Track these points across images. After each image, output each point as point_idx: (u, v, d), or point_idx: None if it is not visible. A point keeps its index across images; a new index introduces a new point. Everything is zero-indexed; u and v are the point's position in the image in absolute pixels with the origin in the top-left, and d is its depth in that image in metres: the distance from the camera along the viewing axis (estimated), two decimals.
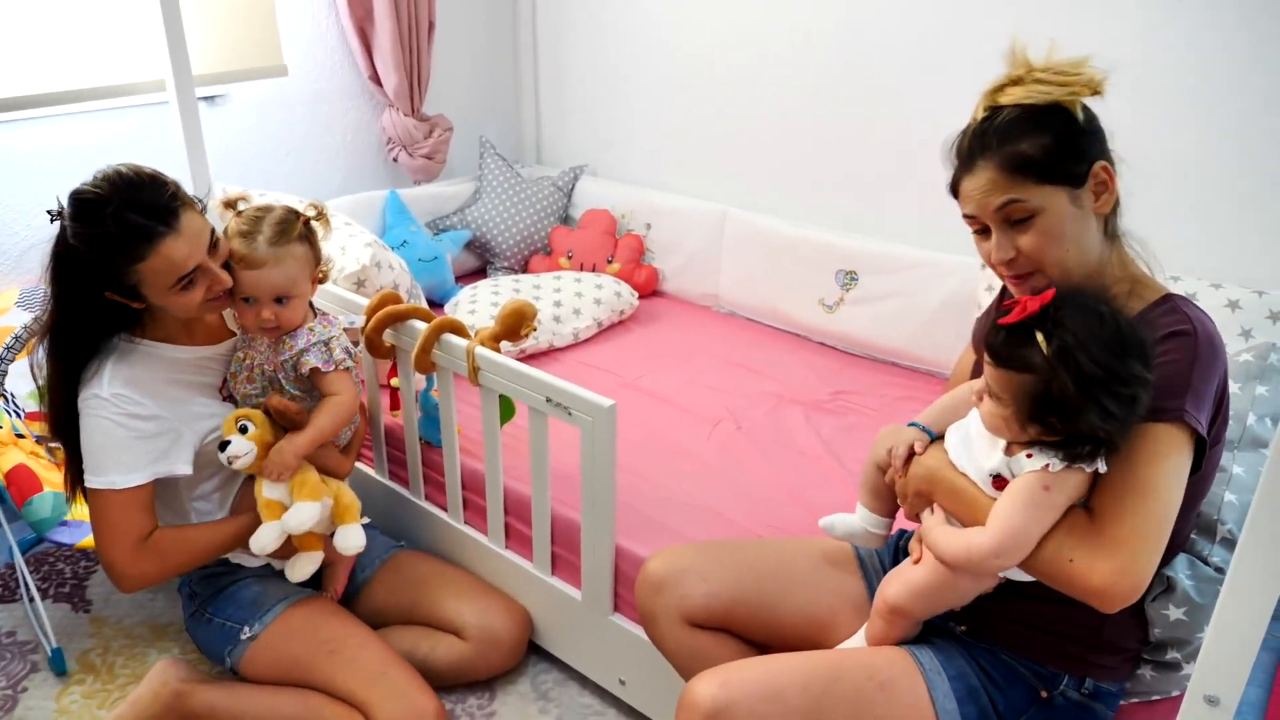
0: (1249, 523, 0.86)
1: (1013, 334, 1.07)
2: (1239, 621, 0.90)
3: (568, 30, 3.20)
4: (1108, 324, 1.04)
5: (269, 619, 1.74)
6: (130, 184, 1.50)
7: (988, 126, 1.18)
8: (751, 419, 2.24)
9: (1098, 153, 1.17)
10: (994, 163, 1.16)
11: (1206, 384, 1.10)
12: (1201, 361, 1.10)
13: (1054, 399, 1.04)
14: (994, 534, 1.10)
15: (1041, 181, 1.14)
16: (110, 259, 1.49)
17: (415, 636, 1.88)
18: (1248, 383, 1.61)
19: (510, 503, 1.93)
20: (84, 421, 1.58)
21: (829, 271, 2.59)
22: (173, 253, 1.49)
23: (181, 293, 1.54)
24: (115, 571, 1.61)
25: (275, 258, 1.63)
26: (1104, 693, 1.26)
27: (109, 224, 1.46)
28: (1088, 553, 1.07)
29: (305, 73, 2.89)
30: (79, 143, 2.44)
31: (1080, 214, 1.16)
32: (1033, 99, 1.15)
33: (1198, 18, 1.95)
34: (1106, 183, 1.17)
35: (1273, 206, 1.96)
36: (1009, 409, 1.09)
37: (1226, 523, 1.37)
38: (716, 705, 1.22)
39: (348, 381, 1.74)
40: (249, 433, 1.65)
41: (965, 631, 1.31)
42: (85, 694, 1.91)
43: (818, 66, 2.59)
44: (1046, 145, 1.14)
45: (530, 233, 3.08)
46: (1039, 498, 1.09)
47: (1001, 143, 1.16)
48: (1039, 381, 1.05)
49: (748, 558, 1.51)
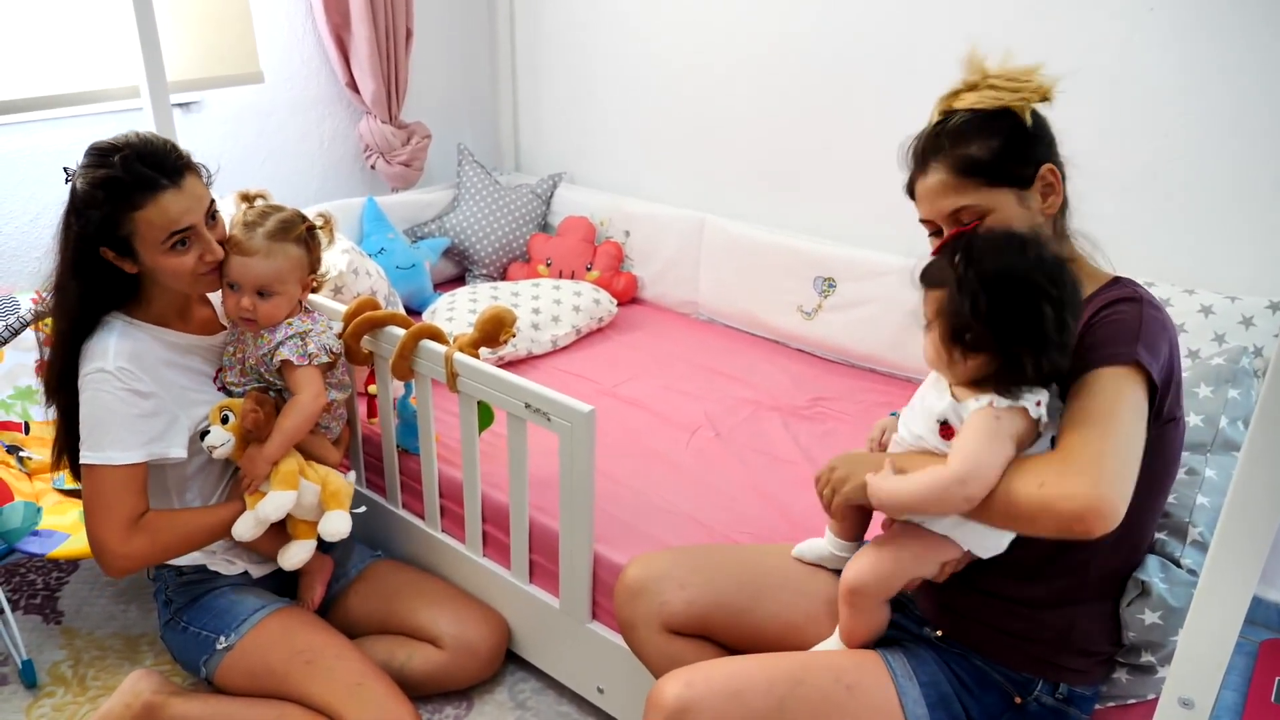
0: (1221, 526, 0.87)
1: (935, 258, 1.18)
2: (1213, 624, 0.90)
3: (545, 38, 3.21)
4: (1018, 243, 1.11)
5: (245, 629, 1.72)
6: (144, 140, 1.57)
7: (940, 130, 1.23)
8: (730, 425, 2.25)
9: (1045, 156, 1.21)
10: (945, 165, 1.21)
11: (1156, 340, 1.13)
12: (1148, 322, 1.13)
13: (958, 307, 1.10)
14: (956, 463, 1.10)
15: (990, 184, 1.19)
16: (110, 203, 1.52)
17: (391, 645, 1.87)
18: (1220, 386, 1.63)
19: (488, 510, 1.92)
20: (85, 396, 1.58)
21: (807, 278, 2.60)
22: (170, 206, 1.54)
23: (172, 253, 1.57)
24: (105, 551, 1.60)
25: (267, 250, 1.67)
26: (1078, 697, 1.26)
27: (116, 168, 1.51)
28: (1057, 475, 1.05)
29: (282, 80, 2.87)
30: (52, 149, 2.42)
31: (1028, 215, 1.20)
32: (984, 104, 1.20)
33: (1170, 25, 1.97)
34: (1053, 185, 1.21)
35: (1245, 212, 1.98)
36: (936, 333, 1.15)
37: (1198, 525, 1.38)
38: (681, 704, 1.23)
39: (315, 380, 1.74)
40: (229, 423, 1.67)
41: (940, 636, 1.31)
42: (56, 706, 1.88)
43: (794, 74, 2.61)
44: (995, 148, 1.18)
45: (509, 240, 3.07)
46: (992, 426, 1.10)
47: (953, 145, 1.21)
48: (951, 292, 1.11)
49: (726, 564, 1.51)
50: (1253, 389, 1.66)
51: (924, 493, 1.13)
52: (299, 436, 1.74)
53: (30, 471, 2.08)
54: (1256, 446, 0.83)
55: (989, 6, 2.20)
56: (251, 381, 1.74)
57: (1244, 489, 0.85)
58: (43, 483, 2.07)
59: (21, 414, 2.15)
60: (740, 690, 1.23)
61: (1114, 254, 1.30)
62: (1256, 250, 1.99)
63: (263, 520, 1.67)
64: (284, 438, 1.70)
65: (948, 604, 1.30)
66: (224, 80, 2.72)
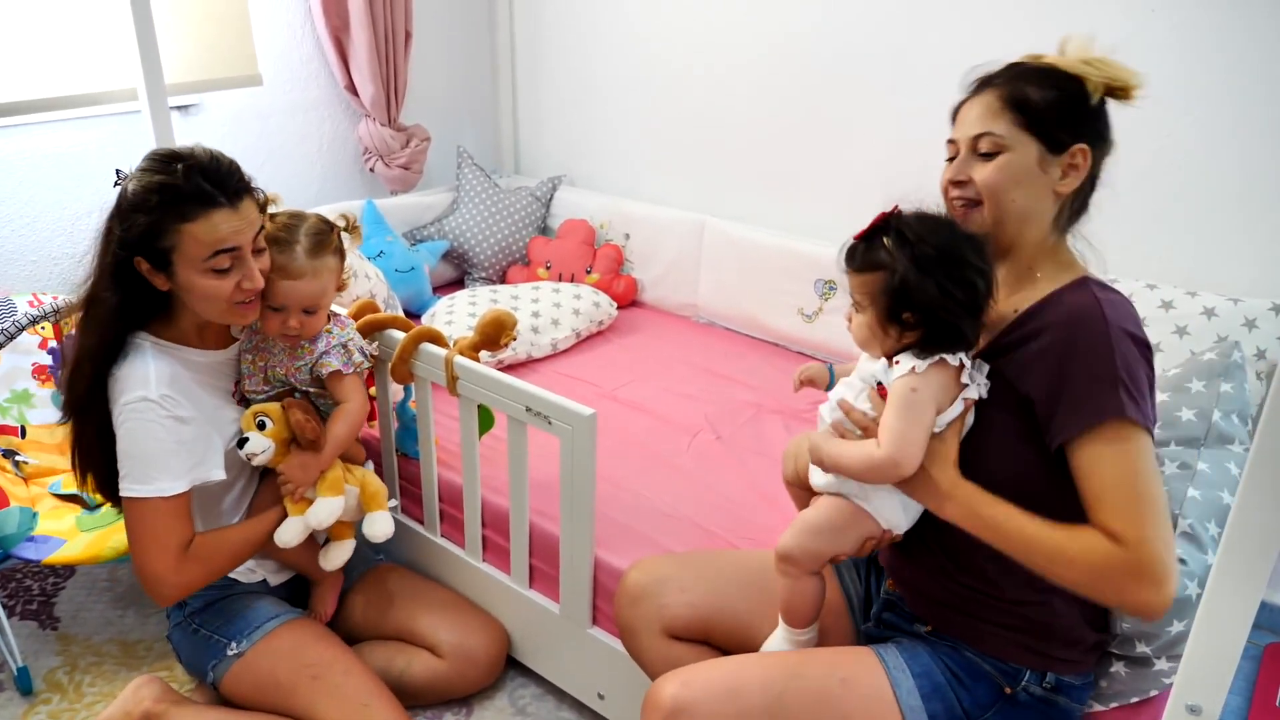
0: (1229, 530, 0.86)
1: (865, 242, 1.21)
2: (1220, 630, 0.90)
3: (545, 40, 3.20)
4: (943, 223, 1.19)
5: (257, 636, 1.71)
6: (210, 155, 1.52)
7: (1010, 67, 1.23)
8: (731, 428, 2.24)
9: (1088, 137, 1.19)
10: (996, 93, 1.21)
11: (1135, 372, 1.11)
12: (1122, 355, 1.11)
13: (900, 287, 1.16)
14: (886, 444, 1.17)
15: (1025, 126, 1.18)
16: (161, 210, 1.46)
17: (391, 652, 1.86)
18: (1212, 380, 1.63)
19: (488, 515, 1.91)
20: (128, 428, 1.53)
21: (808, 281, 2.60)
22: (220, 224, 1.47)
23: (211, 275, 1.50)
24: (159, 583, 1.56)
25: (313, 270, 1.63)
26: (1067, 686, 1.26)
27: (176, 175, 1.46)
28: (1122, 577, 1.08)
29: (281, 82, 2.87)
30: (50, 151, 2.40)
31: (1041, 177, 1.19)
32: (1062, 64, 1.20)
33: (1173, 26, 1.97)
34: (1078, 166, 1.19)
35: (1248, 214, 1.97)
36: (869, 313, 1.21)
37: (1188, 517, 1.38)
38: (678, 704, 1.24)
39: (360, 387, 1.74)
40: (267, 429, 1.64)
41: (929, 631, 1.32)
42: (51, 714, 1.87)
43: (795, 76, 2.60)
44: (1048, 99, 1.18)
45: (508, 243, 3.06)
46: (909, 399, 1.17)
47: (1012, 79, 1.21)
48: (887, 275, 1.17)
49: (727, 569, 1.50)
50: (1245, 383, 1.66)
51: (860, 462, 1.20)
52: (348, 443, 1.73)
53: (26, 476, 2.07)
54: (1264, 450, 0.82)
55: (990, 7, 2.19)
56: (274, 389, 1.71)
57: (1251, 493, 0.84)
58: (39, 487, 2.05)
59: (18, 418, 2.13)
60: (736, 688, 1.25)
61: (1116, 255, 1.30)
62: (1259, 252, 1.98)
63: (312, 526, 1.67)
64: (336, 445, 1.69)
65: (933, 599, 1.30)
66: (222, 83, 2.71)
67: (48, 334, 2.21)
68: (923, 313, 1.17)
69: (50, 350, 2.21)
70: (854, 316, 1.25)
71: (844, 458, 1.22)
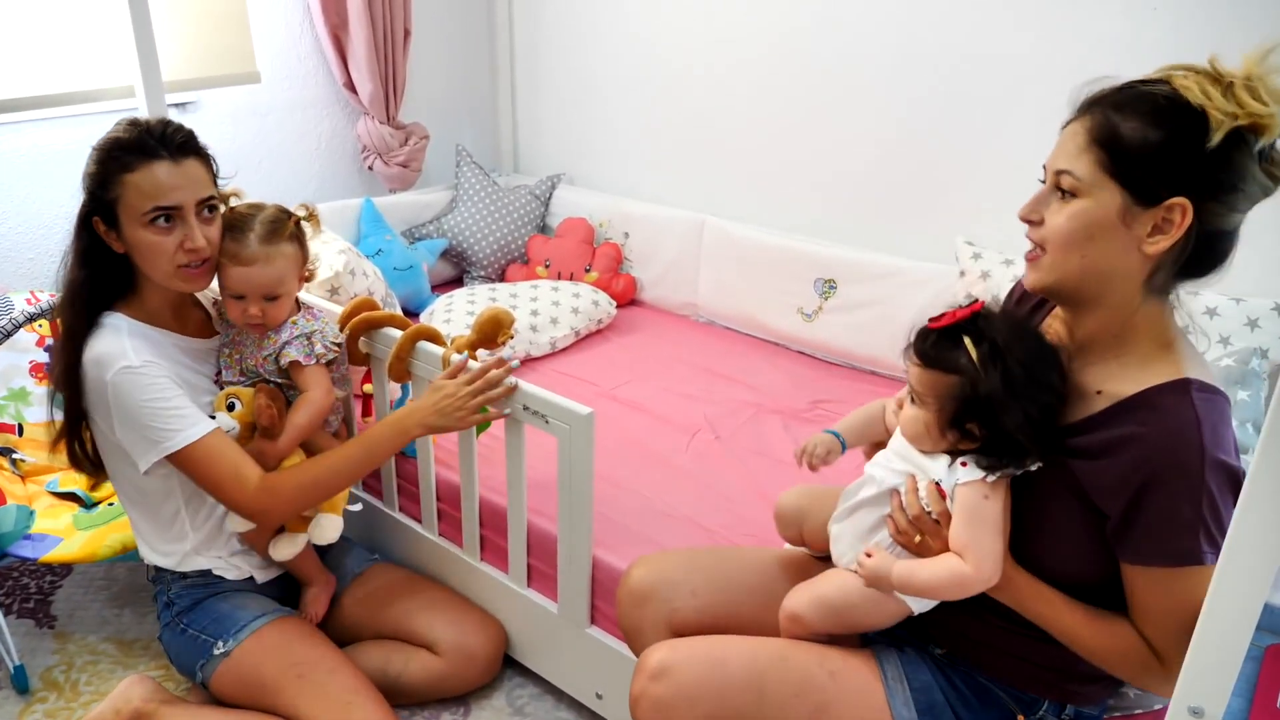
0: (1232, 531, 0.85)
1: (942, 338, 1.11)
2: (1223, 632, 0.89)
3: (545, 38, 3.19)
4: (1029, 334, 1.10)
5: (243, 635, 1.70)
6: (164, 120, 1.58)
7: (1120, 90, 1.03)
8: (730, 428, 2.23)
9: (1192, 190, 0.99)
10: (1093, 121, 1.02)
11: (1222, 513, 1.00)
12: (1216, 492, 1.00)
13: (979, 400, 1.07)
14: (975, 562, 1.10)
15: (1109, 171, 1.01)
16: (104, 162, 1.52)
17: (387, 652, 1.85)
18: (1229, 388, 1.62)
19: (486, 514, 1.90)
20: (125, 400, 1.55)
21: (807, 280, 2.59)
22: (161, 176, 1.52)
23: (152, 229, 1.53)
24: (245, 510, 1.63)
25: (266, 256, 1.64)
26: (1085, 716, 1.24)
27: (122, 130, 1.53)
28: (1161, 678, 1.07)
29: (279, 80, 2.86)
30: (47, 149, 2.40)
31: (1122, 233, 1.02)
32: (1188, 92, 0.97)
33: (1174, 25, 1.96)
34: (1175, 223, 1.00)
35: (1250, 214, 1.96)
36: (932, 413, 1.12)
37: None
38: (662, 664, 1.27)
39: (323, 378, 1.74)
40: (235, 410, 1.67)
41: (943, 654, 1.29)
42: (48, 712, 1.86)
43: (795, 75, 2.59)
44: (1147, 139, 0.99)
45: (507, 242, 3.05)
46: (985, 510, 1.10)
47: (1115, 107, 1.01)
48: (965, 383, 1.08)
49: (733, 568, 1.48)
50: (1261, 391, 1.65)
51: (949, 582, 1.13)
52: (309, 433, 1.73)
53: (23, 474, 2.06)
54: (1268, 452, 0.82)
55: (991, 6, 2.18)
56: (248, 381, 1.72)
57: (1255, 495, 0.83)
58: (36, 485, 2.05)
59: (15, 416, 2.13)
60: (723, 658, 1.27)
61: None
62: (1262, 252, 1.96)
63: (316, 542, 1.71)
64: (295, 433, 1.69)
65: (955, 628, 1.26)
66: (220, 80, 2.70)
67: (45, 332, 2.20)
68: (993, 429, 1.08)
69: (47, 348, 2.20)
70: (907, 408, 1.16)
71: (932, 581, 1.13)
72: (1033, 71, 2.14)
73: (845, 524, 1.28)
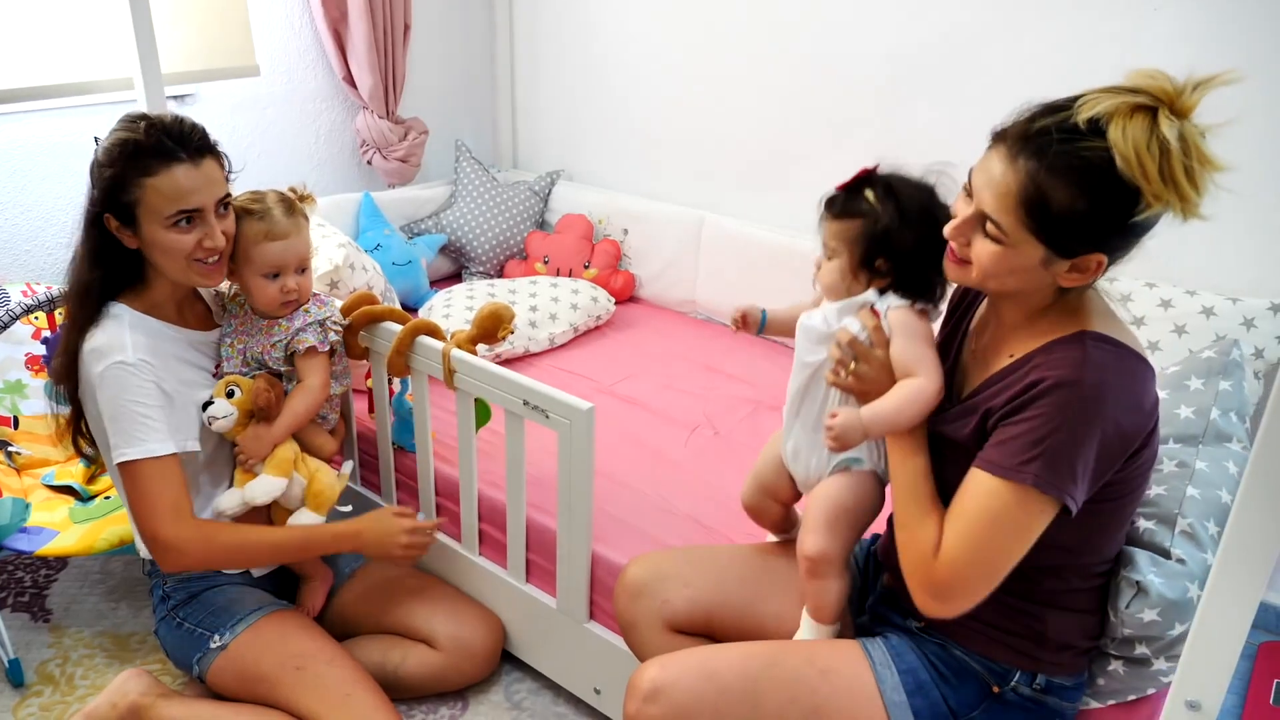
0: (1230, 527, 0.86)
1: (848, 192, 1.27)
2: (1221, 626, 0.89)
3: (544, 34, 3.19)
4: (923, 187, 1.26)
5: (240, 628, 1.70)
6: (175, 117, 1.57)
7: (1044, 135, 1.02)
8: (729, 424, 2.23)
9: (1112, 248, 1.05)
10: (1019, 179, 1.03)
11: (1072, 450, 1.05)
12: (1067, 422, 1.04)
13: (882, 234, 1.23)
14: (925, 372, 1.21)
15: (1033, 232, 1.04)
16: (123, 164, 1.51)
17: (386, 646, 1.85)
18: (1211, 378, 1.63)
19: (485, 509, 1.90)
20: (109, 394, 1.55)
21: (806, 277, 2.57)
22: (181, 180, 1.52)
23: (174, 230, 1.54)
24: (160, 543, 1.59)
25: (296, 227, 1.70)
26: (1058, 687, 1.25)
27: (138, 131, 1.52)
28: (923, 565, 1.15)
29: (278, 73, 2.85)
30: (44, 140, 2.39)
31: (1042, 273, 1.08)
32: (1124, 160, 0.97)
33: (1174, 23, 1.96)
34: (1091, 269, 1.06)
35: (1247, 213, 1.97)
36: (844, 258, 1.27)
37: (1188, 516, 1.37)
38: (655, 685, 1.27)
39: (325, 368, 1.75)
40: (235, 397, 1.67)
41: (920, 627, 1.31)
42: (44, 706, 1.86)
43: (794, 72, 2.59)
44: (1074, 209, 1.01)
45: (506, 237, 3.05)
46: (918, 327, 1.24)
47: (1047, 169, 1.01)
48: (868, 223, 1.24)
49: (729, 563, 1.50)
50: (1244, 381, 1.66)
51: (916, 402, 1.21)
52: (305, 421, 1.74)
53: (19, 467, 2.06)
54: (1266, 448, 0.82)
55: (992, 4, 2.18)
56: (251, 371, 1.73)
57: (1253, 490, 0.84)
58: (31, 479, 2.04)
59: (11, 408, 2.12)
60: (714, 671, 1.27)
61: None
62: (1258, 252, 1.98)
63: (248, 501, 1.68)
64: (292, 419, 1.70)
65: None
66: (219, 73, 2.70)
67: (41, 324, 2.20)
68: (897, 260, 1.24)
69: (44, 340, 2.19)
70: (823, 263, 1.31)
71: (898, 403, 1.20)
72: (1033, 70, 2.14)
73: (795, 431, 1.37)
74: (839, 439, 1.21)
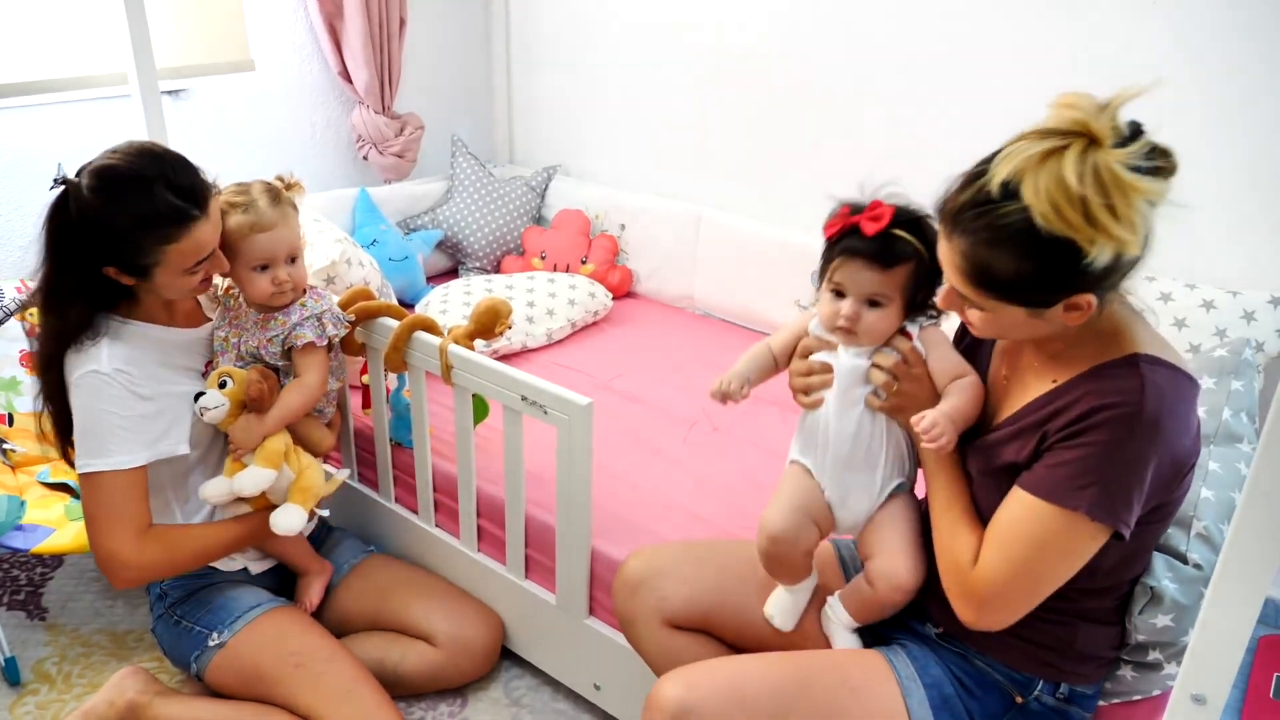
0: (1235, 523, 0.85)
1: (886, 239, 1.21)
2: (1226, 620, 0.89)
3: (541, 29, 3.17)
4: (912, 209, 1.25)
5: (238, 626, 1.69)
6: (167, 163, 1.50)
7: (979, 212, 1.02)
8: (727, 420, 2.23)
9: (1089, 286, 1.01)
10: (962, 261, 1.05)
11: (1128, 476, 1.04)
12: (1125, 452, 1.03)
13: (929, 272, 1.20)
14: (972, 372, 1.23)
15: (998, 297, 1.05)
16: (137, 236, 1.47)
17: (385, 643, 1.84)
18: (1223, 378, 1.62)
19: (483, 505, 1.89)
20: (81, 402, 1.53)
21: (804, 273, 2.58)
22: (201, 236, 1.51)
23: (190, 275, 1.55)
24: (117, 562, 1.55)
25: (282, 217, 1.66)
26: (1080, 696, 1.25)
27: (154, 202, 1.46)
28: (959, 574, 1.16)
29: (273, 68, 2.83)
30: (38, 135, 2.37)
31: (1038, 320, 1.07)
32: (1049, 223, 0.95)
33: (1173, 19, 1.96)
34: (1084, 308, 1.03)
35: (1246, 207, 1.97)
36: (897, 304, 1.23)
37: (1203, 519, 1.36)
38: (683, 707, 1.21)
39: (323, 364, 1.73)
40: (227, 388, 1.65)
41: (939, 634, 1.30)
42: (40, 704, 1.85)
43: (792, 67, 2.58)
44: (1021, 271, 1.01)
45: (503, 233, 3.04)
46: (944, 335, 1.27)
47: (983, 243, 1.02)
48: (919, 264, 1.21)
49: (726, 558, 1.49)
50: (1255, 380, 1.65)
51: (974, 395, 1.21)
52: (298, 415, 1.72)
53: (14, 464, 2.05)
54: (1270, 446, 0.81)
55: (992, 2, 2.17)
56: (245, 365, 1.71)
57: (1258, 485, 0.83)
58: (27, 476, 2.03)
59: (5, 405, 2.11)
60: (744, 695, 1.22)
61: None
62: (1258, 245, 1.98)
63: (235, 491, 1.65)
64: (284, 412, 1.68)
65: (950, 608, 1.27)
66: (214, 68, 2.68)
67: (35, 320, 2.18)
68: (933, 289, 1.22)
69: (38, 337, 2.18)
70: (869, 318, 1.24)
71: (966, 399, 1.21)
72: (1033, 69, 2.13)
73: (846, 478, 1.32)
74: (938, 438, 1.17)
